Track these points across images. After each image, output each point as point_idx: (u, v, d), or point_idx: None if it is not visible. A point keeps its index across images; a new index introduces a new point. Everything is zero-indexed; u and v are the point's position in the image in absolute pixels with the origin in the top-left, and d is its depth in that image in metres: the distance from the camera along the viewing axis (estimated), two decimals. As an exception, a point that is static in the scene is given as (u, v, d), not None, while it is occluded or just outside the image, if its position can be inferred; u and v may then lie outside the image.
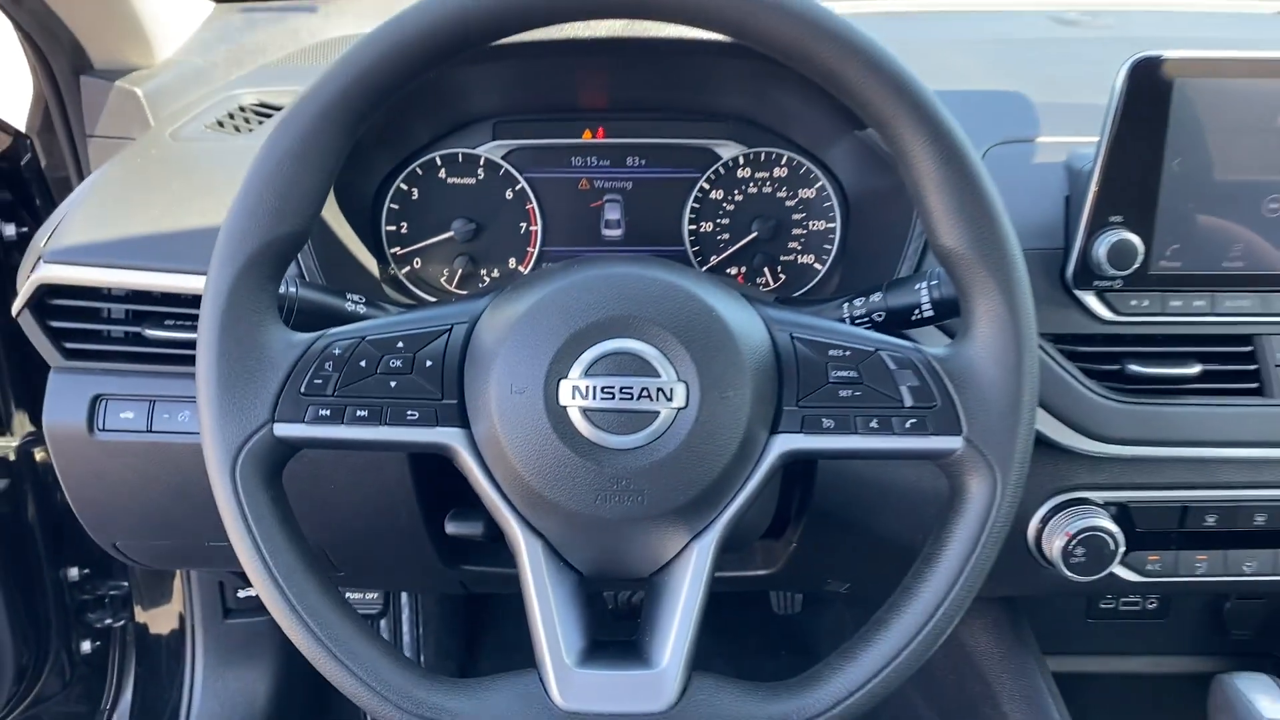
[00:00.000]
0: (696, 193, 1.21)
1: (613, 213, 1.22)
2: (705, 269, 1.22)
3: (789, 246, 1.22)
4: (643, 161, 1.21)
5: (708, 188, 1.21)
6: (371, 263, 1.19)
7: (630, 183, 1.21)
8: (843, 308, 0.92)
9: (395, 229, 1.21)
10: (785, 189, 1.21)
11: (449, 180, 1.20)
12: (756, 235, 1.21)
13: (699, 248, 1.23)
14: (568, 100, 1.20)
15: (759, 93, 1.15)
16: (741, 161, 1.20)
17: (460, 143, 1.20)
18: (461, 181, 1.20)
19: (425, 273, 1.22)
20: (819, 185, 1.20)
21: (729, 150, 1.20)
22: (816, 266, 1.22)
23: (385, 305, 0.94)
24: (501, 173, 1.20)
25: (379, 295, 1.12)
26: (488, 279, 1.23)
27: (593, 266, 0.79)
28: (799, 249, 1.22)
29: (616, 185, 1.21)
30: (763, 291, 1.23)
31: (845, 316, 0.91)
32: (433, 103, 1.16)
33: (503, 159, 1.20)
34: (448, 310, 0.81)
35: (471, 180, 1.20)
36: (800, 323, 0.80)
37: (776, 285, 1.23)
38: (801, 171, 1.20)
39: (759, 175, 1.20)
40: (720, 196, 1.21)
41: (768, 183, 1.21)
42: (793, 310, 0.83)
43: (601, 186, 1.21)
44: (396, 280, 1.22)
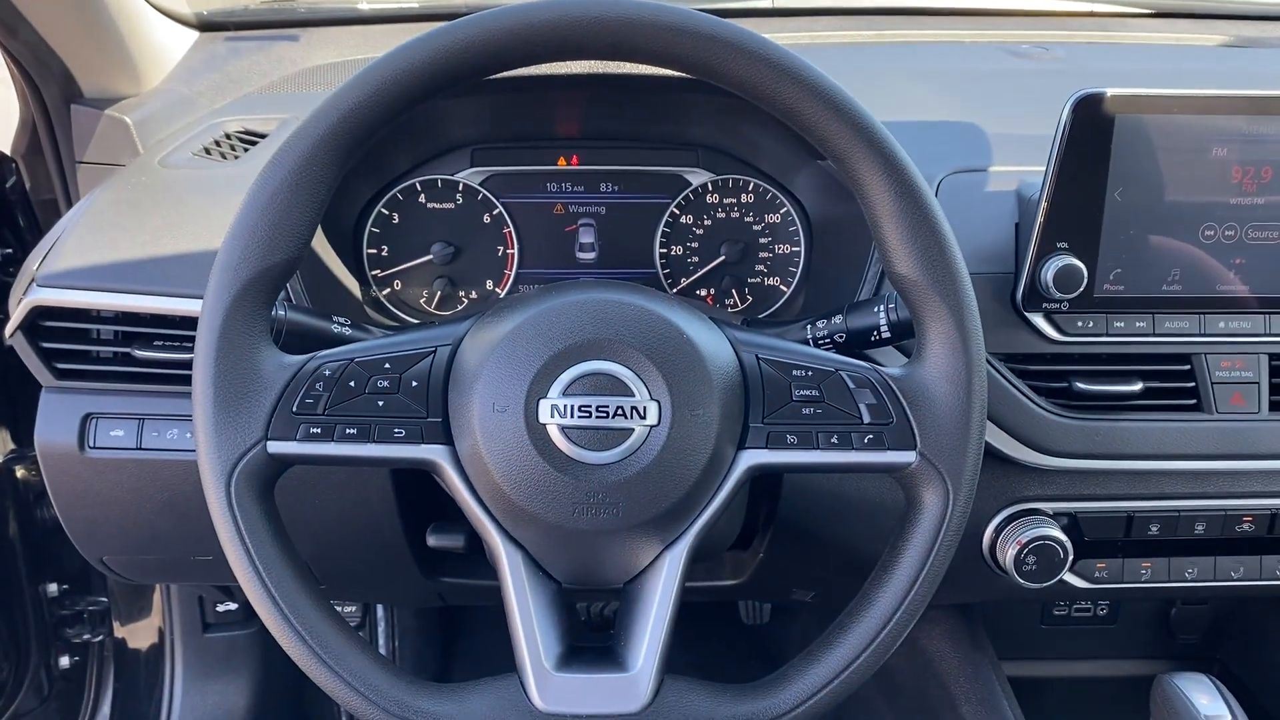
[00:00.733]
0: (667, 218, 1.24)
1: (587, 236, 1.25)
2: (676, 291, 1.26)
3: (756, 269, 1.26)
4: (616, 187, 1.24)
5: (678, 213, 1.24)
6: (354, 285, 1.22)
7: (604, 208, 1.24)
8: (806, 329, 0.97)
9: (376, 252, 1.23)
10: (752, 214, 1.24)
11: (428, 205, 1.23)
12: (725, 258, 1.24)
13: (669, 270, 1.26)
14: (544, 129, 1.23)
15: (726, 124, 1.19)
16: (710, 188, 1.24)
17: (440, 169, 1.22)
18: (441, 206, 1.23)
19: (405, 294, 1.25)
20: (784, 211, 1.24)
21: (698, 177, 1.24)
22: (782, 288, 1.26)
23: (369, 327, 0.96)
24: (479, 198, 1.23)
25: (361, 316, 1.15)
26: (466, 300, 1.25)
27: (570, 292, 0.82)
28: (765, 271, 1.26)
29: (590, 210, 1.24)
30: (731, 312, 1.26)
31: (809, 338, 0.96)
32: (414, 131, 1.18)
33: (480, 185, 1.23)
34: (432, 333, 0.84)
35: (450, 205, 1.23)
36: (765, 344, 0.83)
37: (744, 306, 1.27)
38: (768, 198, 1.24)
39: (727, 201, 1.24)
40: (690, 221, 1.25)
41: (735, 208, 1.24)
42: (758, 332, 0.87)
43: (576, 211, 1.24)
44: (378, 302, 1.24)
